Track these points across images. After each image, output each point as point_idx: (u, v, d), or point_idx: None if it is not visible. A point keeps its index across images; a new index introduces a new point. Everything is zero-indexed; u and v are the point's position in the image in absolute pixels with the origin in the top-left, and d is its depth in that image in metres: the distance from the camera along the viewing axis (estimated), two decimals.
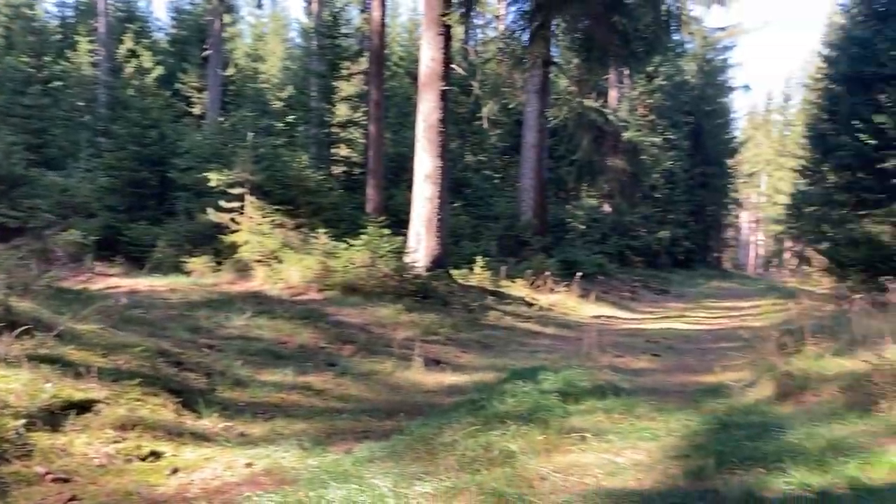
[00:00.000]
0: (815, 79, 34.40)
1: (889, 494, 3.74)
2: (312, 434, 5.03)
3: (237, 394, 5.90)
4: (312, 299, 10.65)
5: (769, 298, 19.83)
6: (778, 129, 64.57)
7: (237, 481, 4.04)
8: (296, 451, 4.50)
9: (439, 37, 13.37)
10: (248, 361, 6.78)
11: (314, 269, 11.72)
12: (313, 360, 7.37)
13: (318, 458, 4.39)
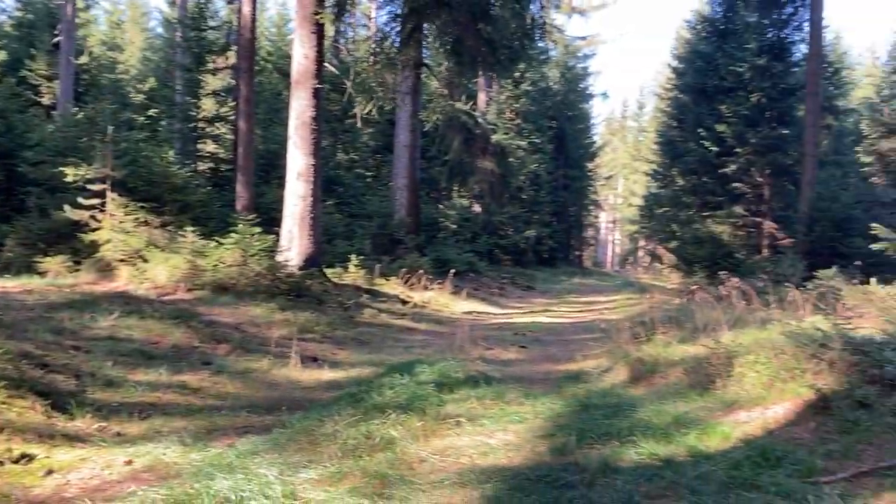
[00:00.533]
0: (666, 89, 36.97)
1: (720, 458, 4.28)
2: (193, 431, 5.03)
3: (110, 394, 5.75)
4: (182, 299, 10.39)
5: (625, 293, 21.19)
6: (633, 135, 68.59)
7: (117, 479, 4.01)
8: (177, 448, 4.51)
9: (312, 35, 13.35)
10: (118, 362, 6.59)
11: (182, 268, 11.40)
12: (187, 360, 7.26)
13: (201, 452, 4.43)
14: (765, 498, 3.62)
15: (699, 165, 22.87)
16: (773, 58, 21.71)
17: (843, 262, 14.08)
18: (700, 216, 22.44)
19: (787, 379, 5.43)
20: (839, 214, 17.64)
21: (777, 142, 21.28)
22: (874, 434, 4.44)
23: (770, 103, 21.71)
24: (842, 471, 4.07)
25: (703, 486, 3.82)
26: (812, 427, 4.75)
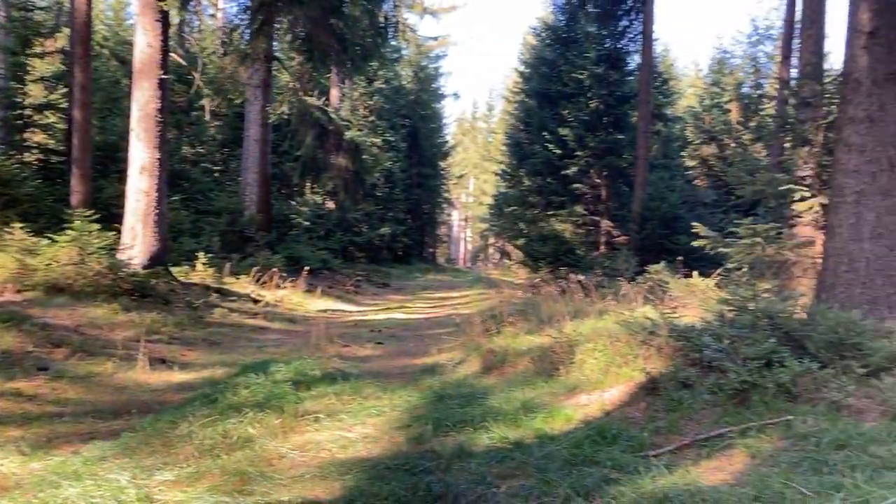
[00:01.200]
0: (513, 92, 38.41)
1: (564, 439, 4.64)
2: (31, 440, 4.73)
3: None
4: (10, 301, 9.59)
5: (476, 289, 21.90)
6: (483, 136, 70.66)
7: None
8: (15, 458, 4.23)
9: (157, 23, 12.71)
10: None
11: (10, 267, 10.51)
12: (20, 366, 6.75)
13: (42, 461, 4.19)
14: (602, 472, 3.98)
15: (544, 167, 23.96)
16: (609, 67, 23.21)
17: (669, 258, 15.41)
18: (545, 215, 23.58)
19: (622, 364, 5.95)
20: (667, 214, 19.20)
21: (613, 146, 22.79)
22: (695, 410, 4.98)
23: (607, 109, 23.22)
24: (668, 444, 4.54)
25: (548, 464, 4.14)
26: (643, 406, 5.24)
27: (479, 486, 3.78)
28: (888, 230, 6.21)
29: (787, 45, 20.67)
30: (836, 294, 6.36)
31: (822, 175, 8.56)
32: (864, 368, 4.99)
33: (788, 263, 8.56)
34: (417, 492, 3.70)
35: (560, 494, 3.65)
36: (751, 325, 5.63)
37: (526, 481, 3.90)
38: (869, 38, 6.38)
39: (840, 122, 6.67)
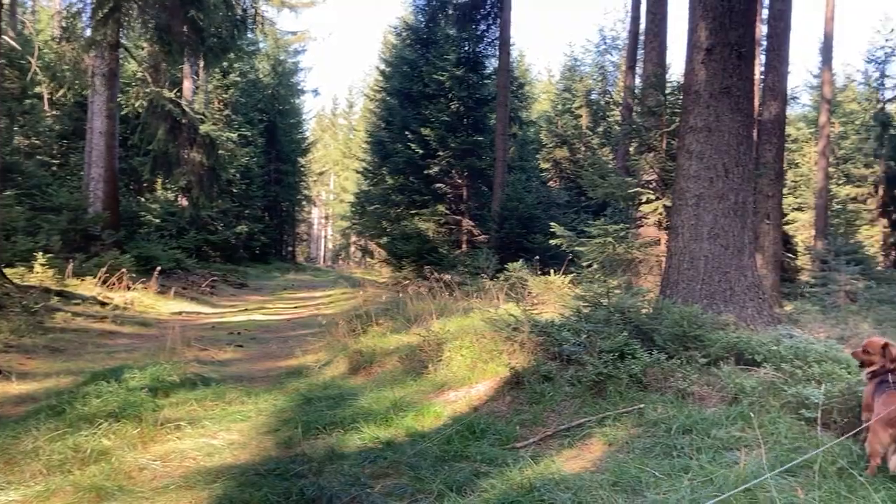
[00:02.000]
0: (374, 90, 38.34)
1: (434, 435, 4.73)
2: None
3: None
4: None
5: (339, 288, 21.69)
6: (343, 133, 70.04)
7: None
8: None
9: None
10: None
11: None
12: None
13: None
14: (473, 466, 4.10)
15: (406, 166, 24.13)
16: (469, 69, 23.74)
17: (527, 256, 16.02)
18: (408, 213, 23.75)
19: (488, 360, 6.14)
20: (524, 214, 19.93)
21: (473, 147, 23.34)
22: (556, 402, 5.24)
23: (467, 111, 23.75)
24: (533, 436, 4.75)
25: (420, 462, 4.20)
26: (508, 400, 5.44)
27: (353, 487, 3.78)
28: (724, 231, 6.81)
29: (631, 55, 22.06)
30: (678, 290, 6.90)
31: (665, 179, 9.26)
32: (706, 358, 5.45)
33: (636, 261, 9.19)
34: (290, 496, 3.65)
35: (433, 491, 3.72)
36: (605, 320, 5.99)
37: (399, 480, 3.94)
38: (706, 54, 6.97)
39: (682, 131, 7.24)
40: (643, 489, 3.62)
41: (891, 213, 27.20)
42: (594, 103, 33.21)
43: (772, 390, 4.90)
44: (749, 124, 7.10)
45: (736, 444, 4.20)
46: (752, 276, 6.95)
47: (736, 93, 6.88)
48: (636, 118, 10.05)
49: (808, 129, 31.02)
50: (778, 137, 13.22)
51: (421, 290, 11.79)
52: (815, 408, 4.50)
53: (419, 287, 11.98)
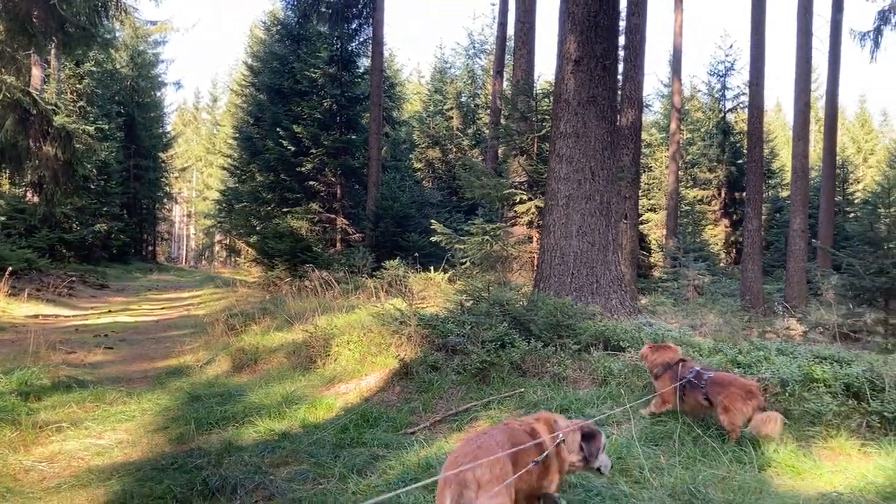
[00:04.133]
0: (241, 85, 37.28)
1: (329, 425, 4.89)
2: None
3: None
4: None
5: (208, 288, 21.08)
6: (207, 128, 67.38)
7: None
8: None
9: None
10: None
11: None
12: None
13: None
14: (371, 451, 4.31)
15: (278, 163, 23.70)
16: (342, 68, 23.71)
17: (403, 254, 16.31)
18: (280, 212, 23.37)
19: (377, 353, 6.35)
20: (399, 213, 20.20)
21: (347, 145, 23.31)
22: (444, 390, 5.54)
23: (341, 109, 23.69)
24: (423, 421, 5.02)
25: (318, 450, 4.36)
26: (398, 390, 5.68)
27: (256, 475, 3.89)
28: (591, 229, 7.39)
29: (499, 60, 22.89)
30: (551, 283, 7.41)
31: (538, 181, 9.82)
32: (577, 345, 5.94)
33: (510, 258, 9.69)
34: (194, 487, 3.70)
35: (335, 474, 3.90)
36: (486, 313, 6.37)
37: (300, 467, 4.09)
38: (575, 65, 7.52)
39: (553, 136, 7.77)
40: None
41: (731, 214, 29.83)
42: (464, 106, 34.01)
43: (636, 372, 5.45)
44: (613, 131, 7.74)
45: (607, 420, 4.67)
46: (616, 270, 7.59)
47: (602, 101, 7.48)
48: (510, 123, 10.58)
49: (659, 134, 33.39)
50: (635, 143, 14.26)
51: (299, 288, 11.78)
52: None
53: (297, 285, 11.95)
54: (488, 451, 2.60)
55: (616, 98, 8.32)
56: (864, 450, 4.20)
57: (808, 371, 5.03)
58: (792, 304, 14.14)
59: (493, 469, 2.51)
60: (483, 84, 35.05)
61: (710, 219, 29.88)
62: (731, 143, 30.24)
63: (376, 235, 19.86)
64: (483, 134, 31.02)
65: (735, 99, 31.23)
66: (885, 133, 56.37)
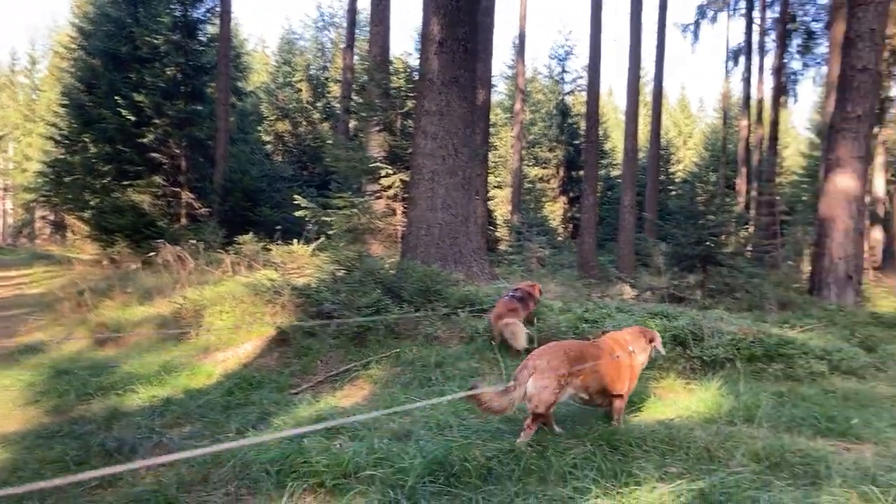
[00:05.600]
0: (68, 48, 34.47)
1: (214, 390, 5.04)
2: None
3: None
4: None
5: (38, 266, 19.68)
6: (25, 93, 61.46)
7: None
8: None
9: None
10: None
11: None
12: None
13: None
14: (261, 409, 4.54)
15: (116, 134, 22.27)
16: (186, 35, 22.68)
17: (254, 229, 16.12)
18: (119, 185, 22.10)
19: (251, 322, 6.48)
20: (249, 186, 19.85)
21: (192, 116, 22.38)
22: (322, 353, 5.82)
23: (186, 79, 22.67)
24: (306, 383, 5.29)
25: (208, 411, 4.53)
26: (276, 356, 5.89)
27: (152, 435, 4.00)
28: (454, 202, 7.88)
29: (350, 34, 22.96)
30: (418, 253, 7.84)
31: (402, 156, 10.18)
32: (446, 308, 6.42)
33: (376, 230, 10.01)
34: (90, 450, 3.76)
35: (231, 430, 4.10)
36: (359, 281, 6.69)
37: (194, 427, 4.25)
38: (439, 46, 7.93)
39: (418, 113, 8.16)
40: (411, 410, 4.38)
41: (569, 192, 31.83)
42: (314, 78, 33.58)
43: None
44: (474, 110, 8.26)
45: (476, 372, 5.19)
46: (477, 240, 8.15)
47: (464, 82, 7.96)
48: (372, 98, 10.83)
49: (504, 115, 34.81)
50: (484, 122, 14.99)
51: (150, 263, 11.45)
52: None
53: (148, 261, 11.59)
54: (553, 352, 3.77)
55: (476, 79, 8.84)
56: (689, 387, 4.99)
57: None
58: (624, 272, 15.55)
59: (550, 362, 3.66)
60: (333, 57, 34.75)
61: (550, 196, 31.72)
62: (569, 124, 32.18)
63: (225, 210, 19.42)
64: (334, 107, 30.87)
65: (573, 83, 33.21)
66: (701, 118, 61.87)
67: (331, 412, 4.29)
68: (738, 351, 5.71)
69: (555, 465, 3.22)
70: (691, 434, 3.72)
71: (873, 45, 8.72)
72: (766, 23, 25.91)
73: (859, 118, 8.74)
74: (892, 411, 4.74)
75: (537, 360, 3.65)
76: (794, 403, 4.66)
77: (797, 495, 2.94)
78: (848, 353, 6.03)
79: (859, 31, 8.73)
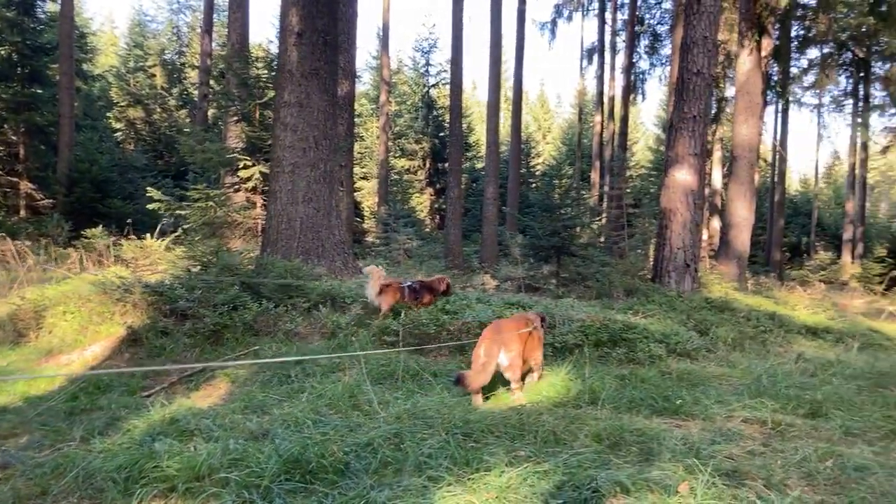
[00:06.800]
0: None
1: (56, 396, 4.76)
2: None
3: None
4: None
5: None
6: None
7: None
8: None
9: None
10: None
11: None
12: None
13: None
14: (110, 414, 4.33)
15: None
16: (22, 12, 20.92)
17: (104, 221, 15.19)
18: None
19: (99, 322, 6.14)
20: (98, 177, 18.64)
21: (31, 100, 20.73)
22: (177, 353, 5.62)
23: (23, 59, 20.91)
24: (159, 384, 5.09)
25: (50, 418, 4.27)
26: (127, 357, 5.63)
27: None
28: (316, 195, 7.81)
29: (207, 18, 22.04)
30: (278, 248, 7.72)
31: (261, 147, 9.92)
32: (307, 304, 6.38)
33: (234, 223, 9.71)
34: None
35: (76, 438, 3.89)
36: (216, 277, 6.50)
37: (33, 436, 3.99)
38: (298, 38, 7.82)
39: (277, 105, 8.01)
40: (270, 409, 4.34)
41: (435, 183, 32.27)
42: (169, 63, 31.96)
43: (361, 324, 6.05)
44: (335, 102, 8.21)
45: (339, 367, 5.20)
46: (340, 234, 8.13)
47: (323, 74, 7.89)
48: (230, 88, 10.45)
49: (370, 105, 34.72)
50: (349, 113, 14.90)
51: None
52: (394, 333, 5.76)
53: None
54: (506, 328, 4.63)
55: (338, 71, 8.78)
56: (542, 372, 5.26)
57: (500, 314, 6.06)
58: (487, 263, 16.01)
59: (510, 336, 4.55)
60: (189, 42, 33.22)
61: (417, 187, 32.01)
62: (435, 116, 32.58)
63: (71, 202, 18.16)
64: (191, 94, 29.55)
65: (437, 75, 33.62)
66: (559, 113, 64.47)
67: (185, 415, 4.17)
68: (586, 337, 6.08)
69: (411, 455, 3.32)
70: (540, 419, 3.95)
71: (706, 50, 9.47)
72: (617, 24, 27.42)
73: (695, 118, 9.48)
74: (719, 389, 5.23)
75: (497, 335, 4.48)
76: (635, 385, 5.03)
77: (632, 471, 3.18)
78: (684, 336, 6.57)
79: (694, 37, 9.46)
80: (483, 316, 6.10)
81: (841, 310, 11.58)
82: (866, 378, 5.62)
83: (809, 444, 3.73)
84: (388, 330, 5.79)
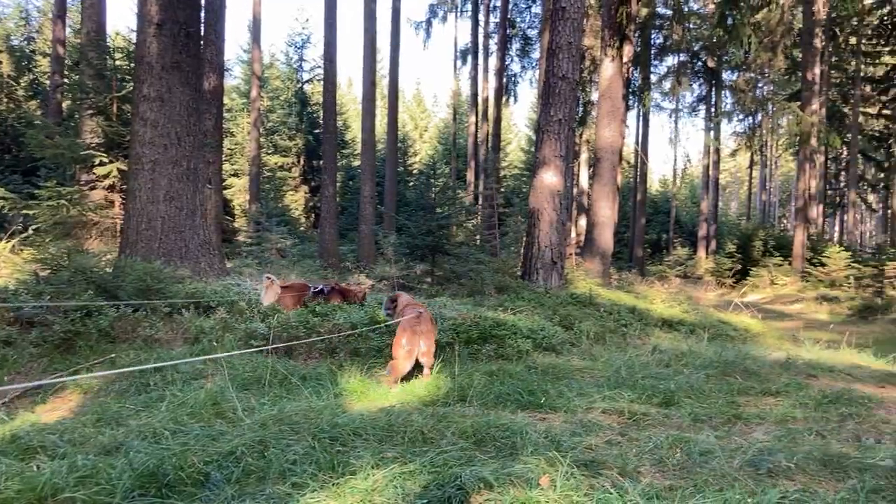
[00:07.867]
0: None
1: None
2: None
3: None
4: None
5: None
6: None
7: None
8: None
9: None
10: None
11: None
12: None
13: None
14: None
15: None
16: None
17: None
18: None
19: None
20: None
21: None
22: (21, 364, 5.20)
23: None
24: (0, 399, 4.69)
25: None
26: None
27: None
28: (178, 194, 7.46)
29: (60, 3, 20.60)
30: (138, 249, 7.31)
31: (120, 143, 9.34)
32: (169, 308, 6.08)
33: (90, 223, 9.10)
34: None
35: None
36: (68, 281, 6.08)
37: None
38: (157, 28, 7.44)
39: (136, 99, 7.58)
40: (126, 420, 4.11)
41: (310, 181, 31.72)
42: (17, 50, 29.50)
43: (227, 328, 5.85)
44: (198, 97, 7.87)
45: (202, 374, 5.00)
46: (205, 234, 7.81)
47: (186, 68, 7.55)
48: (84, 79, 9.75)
49: (241, 100, 33.64)
50: (217, 108, 14.35)
51: None
52: (262, 338, 5.61)
53: None
54: (426, 318, 5.30)
55: (201, 65, 8.42)
56: (413, 372, 5.29)
57: (373, 316, 6.04)
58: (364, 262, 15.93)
59: (429, 325, 5.29)
60: (40, 27, 30.88)
61: (290, 185, 31.34)
62: (309, 113, 32.03)
63: None
64: (43, 84, 27.50)
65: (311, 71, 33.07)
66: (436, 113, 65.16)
67: (28, 431, 3.86)
68: (457, 335, 6.17)
69: (275, 463, 3.24)
70: (409, 419, 3.96)
71: (571, 56, 9.86)
72: (490, 26, 28.03)
73: (560, 121, 9.84)
74: (581, 382, 5.46)
75: (417, 326, 5.10)
76: (502, 381, 5.16)
77: (496, 466, 3.25)
78: (550, 331, 6.82)
79: (559, 43, 9.81)
80: (355, 318, 6.05)
81: (694, 303, 12.38)
82: (714, 367, 6.03)
83: (662, 432, 3.95)
84: (255, 334, 5.63)
